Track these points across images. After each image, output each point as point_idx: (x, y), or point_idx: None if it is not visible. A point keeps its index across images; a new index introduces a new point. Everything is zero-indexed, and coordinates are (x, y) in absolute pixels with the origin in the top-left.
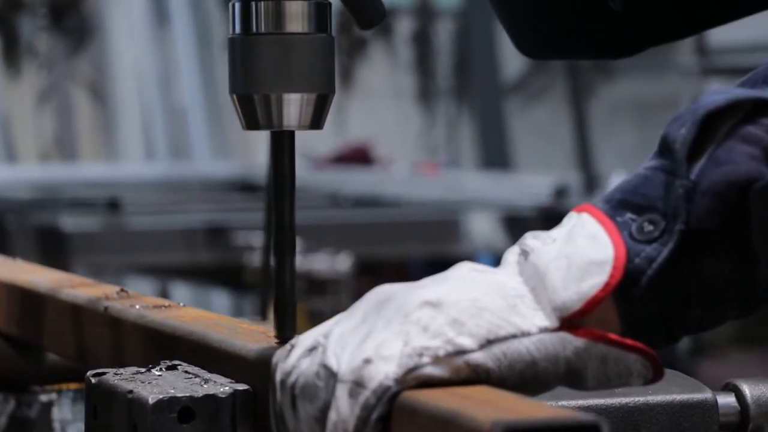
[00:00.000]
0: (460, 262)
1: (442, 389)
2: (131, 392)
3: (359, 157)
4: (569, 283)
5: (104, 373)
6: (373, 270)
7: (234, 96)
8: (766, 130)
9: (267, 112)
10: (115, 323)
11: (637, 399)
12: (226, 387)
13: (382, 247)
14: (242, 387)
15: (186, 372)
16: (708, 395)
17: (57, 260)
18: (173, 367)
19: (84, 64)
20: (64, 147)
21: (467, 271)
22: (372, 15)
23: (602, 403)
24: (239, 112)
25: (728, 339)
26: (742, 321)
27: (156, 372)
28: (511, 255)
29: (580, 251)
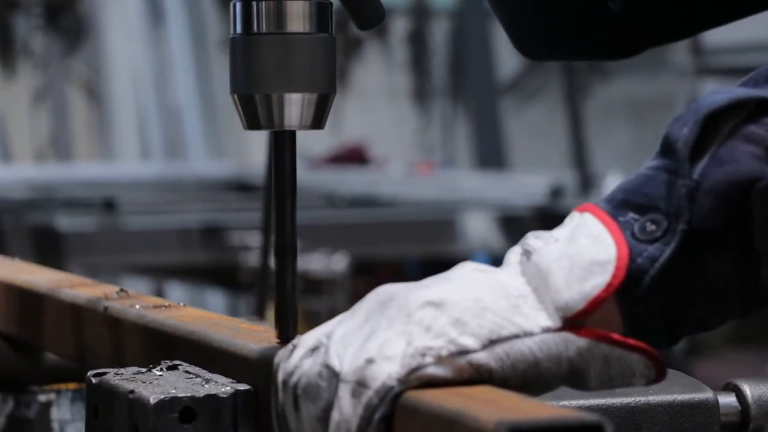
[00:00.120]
0: (463, 262)
1: (445, 389)
2: (132, 392)
3: (355, 157)
4: (572, 283)
5: (105, 373)
6: (369, 270)
7: (235, 96)
8: None
9: (268, 112)
10: (115, 323)
11: (639, 399)
12: (228, 387)
13: (378, 247)
14: (244, 387)
15: (187, 372)
16: (709, 395)
17: (52, 260)
18: (174, 367)
19: (79, 64)
20: (60, 147)
21: (470, 271)
22: (371, 15)
23: (603, 403)
24: (240, 112)
25: (723, 339)
26: (737, 321)
27: (157, 372)
28: (513, 255)
29: (583, 251)
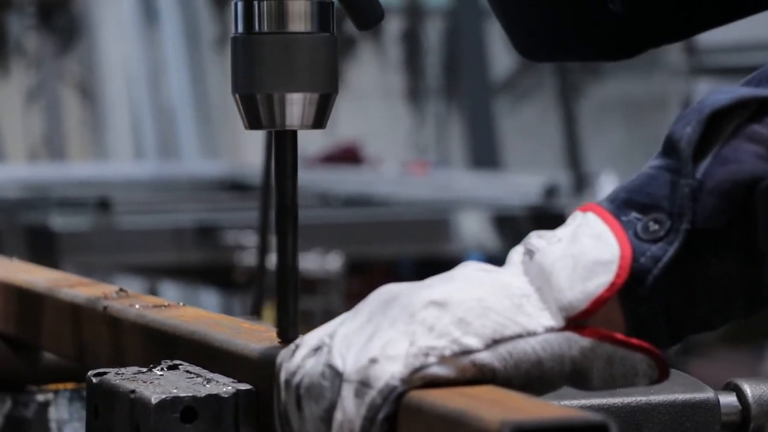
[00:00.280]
0: (465, 262)
1: (449, 389)
2: (133, 392)
3: (349, 157)
4: (575, 283)
5: (105, 373)
6: (364, 269)
7: (236, 96)
8: None
9: (269, 112)
10: (115, 323)
11: (640, 398)
12: (229, 387)
13: (372, 247)
14: (245, 387)
15: (188, 372)
16: (710, 395)
17: (46, 260)
18: (174, 367)
19: (73, 64)
20: (53, 146)
21: (472, 271)
22: (370, 15)
23: (604, 403)
24: (241, 112)
25: (716, 338)
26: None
27: (157, 372)
28: (516, 255)
29: (586, 251)
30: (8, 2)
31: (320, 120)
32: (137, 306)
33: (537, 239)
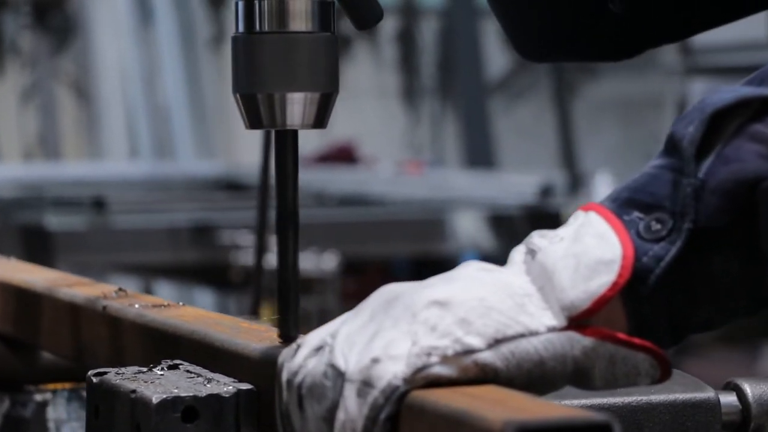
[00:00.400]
0: (467, 261)
1: (451, 389)
2: (134, 392)
3: (344, 156)
4: (577, 282)
5: (105, 373)
6: (359, 269)
7: (237, 95)
8: None
9: (270, 112)
10: (114, 322)
11: (640, 398)
12: (230, 386)
13: (368, 246)
14: (246, 386)
15: (188, 371)
16: (710, 394)
17: (41, 259)
18: (175, 367)
19: (68, 63)
20: (48, 146)
21: (474, 271)
22: (368, 15)
23: (605, 402)
24: (242, 112)
25: (711, 338)
26: None
27: (158, 371)
28: (518, 254)
29: (588, 250)
30: (3, 2)
31: (321, 119)
32: (137, 306)
33: (539, 238)
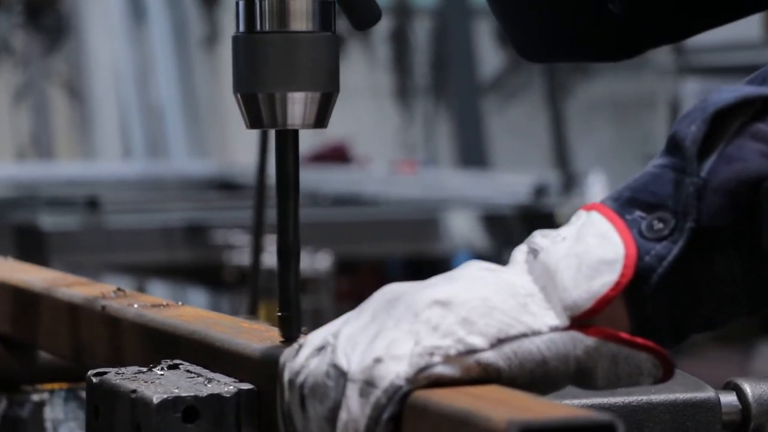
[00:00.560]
0: (469, 261)
1: (454, 389)
2: (135, 392)
3: (337, 156)
4: (580, 282)
5: (105, 373)
6: (353, 269)
7: (238, 95)
8: None
9: (271, 111)
10: (113, 322)
11: (641, 398)
12: (231, 386)
13: (361, 246)
14: (247, 386)
15: (188, 371)
16: (711, 394)
17: (35, 259)
18: (175, 367)
19: (60, 62)
20: (41, 145)
21: (476, 270)
22: (367, 15)
23: (605, 402)
24: (243, 111)
25: (706, 338)
26: None
27: (158, 371)
28: (520, 254)
29: (591, 250)
30: None
31: (322, 119)
32: (136, 305)
33: (541, 238)
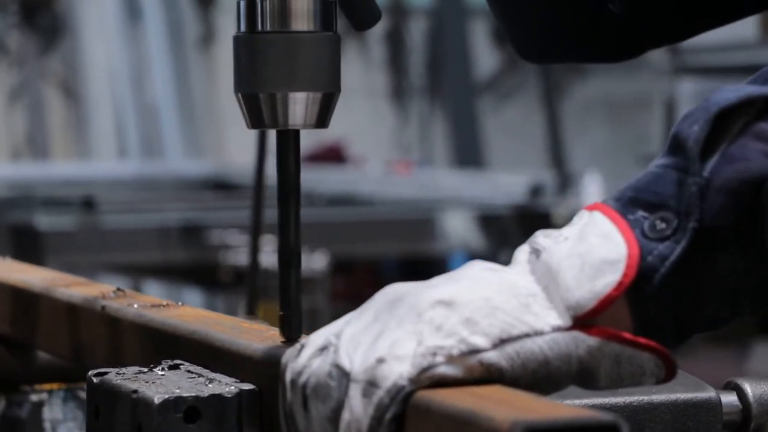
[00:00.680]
0: (471, 261)
1: (457, 389)
2: (136, 392)
3: (333, 156)
4: (582, 282)
5: (106, 373)
6: (348, 269)
7: (239, 95)
8: None
9: (272, 111)
10: (113, 322)
11: (641, 398)
12: (232, 387)
13: (357, 246)
14: (248, 387)
15: (189, 371)
16: (711, 394)
17: (31, 259)
18: (175, 367)
19: (56, 62)
20: (36, 145)
21: (479, 270)
22: (367, 16)
23: (606, 402)
24: (244, 111)
25: (700, 337)
26: None
27: (159, 372)
28: (522, 254)
29: (593, 250)
30: None
31: (323, 119)
32: (135, 305)
33: (543, 238)
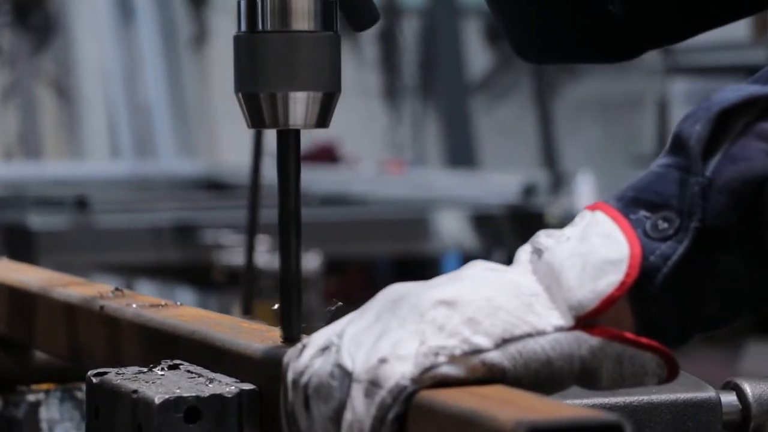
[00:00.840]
0: (473, 261)
1: (460, 389)
2: (136, 392)
3: (326, 156)
4: (585, 282)
5: (105, 373)
6: (341, 268)
7: (239, 95)
8: None
9: (273, 111)
10: (112, 322)
11: (641, 398)
12: (232, 387)
13: (350, 246)
14: (248, 387)
15: (189, 371)
16: (711, 394)
17: (24, 259)
18: (175, 367)
19: (48, 62)
20: (29, 145)
21: (481, 270)
22: (365, 16)
23: (606, 402)
24: (244, 111)
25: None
26: None
27: (158, 372)
28: (524, 254)
29: (595, 250)
30: None
31: (323, 119)
32: (134, 305)
33: (545, 238)
